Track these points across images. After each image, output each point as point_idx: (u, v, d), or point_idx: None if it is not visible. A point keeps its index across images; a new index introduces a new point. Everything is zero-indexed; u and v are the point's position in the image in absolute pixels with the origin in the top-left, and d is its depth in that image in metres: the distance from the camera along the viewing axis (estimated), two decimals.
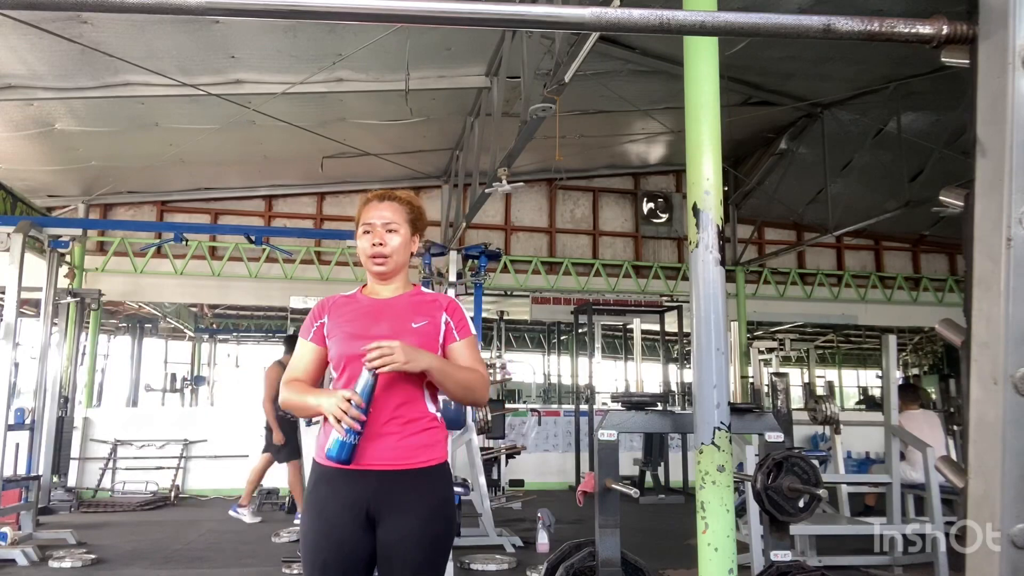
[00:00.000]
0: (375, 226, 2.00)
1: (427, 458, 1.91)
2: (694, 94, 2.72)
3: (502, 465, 7.44)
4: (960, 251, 1.37)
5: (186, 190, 9.41)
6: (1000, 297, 0.82)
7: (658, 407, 3.19)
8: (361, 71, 6.44)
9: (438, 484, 1.93)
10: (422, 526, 1.85)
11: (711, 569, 2.44)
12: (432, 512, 1.88)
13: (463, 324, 2.02)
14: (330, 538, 1.86)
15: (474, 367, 1.98)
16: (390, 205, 2.03)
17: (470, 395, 1.97)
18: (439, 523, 1.89)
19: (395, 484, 1.86)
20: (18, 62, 5.74)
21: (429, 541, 1.87)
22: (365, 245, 2.01)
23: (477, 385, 1.96)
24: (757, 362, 9.43)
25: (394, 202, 2.04)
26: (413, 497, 1.86)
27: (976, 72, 0.87)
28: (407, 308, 1.98)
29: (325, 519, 1.87)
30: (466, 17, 0.93)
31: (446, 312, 2.00)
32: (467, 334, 2.02)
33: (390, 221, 2.01)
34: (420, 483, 1.88)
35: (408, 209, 2.05)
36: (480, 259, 6.38)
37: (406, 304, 2.00)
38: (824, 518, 4.94)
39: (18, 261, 5.60)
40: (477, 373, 1.97)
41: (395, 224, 2.01)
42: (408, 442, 1.89)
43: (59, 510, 7.28)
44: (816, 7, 5.73)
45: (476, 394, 1.97)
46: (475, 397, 1.99)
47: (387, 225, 2.00)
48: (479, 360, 2.02)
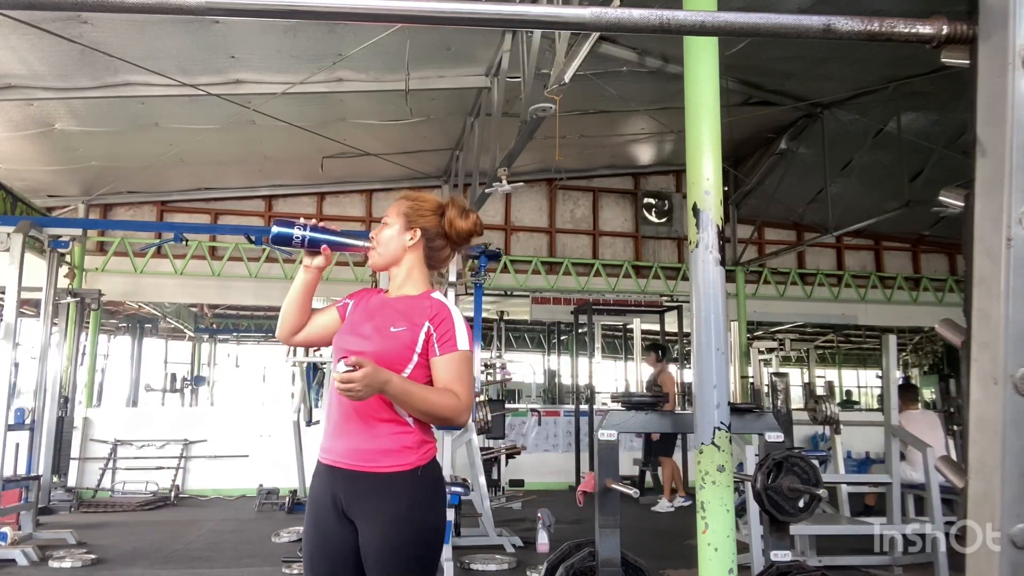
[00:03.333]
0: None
1: (392, 464, 1.83)
2: (694, 94, 2.72)
3: (502, 465, 7.44)
4: (960, 251, 1.37)
5: (186, 190, 9.41)
6: (1000, 297, 0.82)
7: (658, 407, 3.20)
8: (361, 71, 6.44)
9: (403, 492, 1.83)
10: (382, 536, 1.80)
11: (711, 569, 2.45)
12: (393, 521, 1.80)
13: (448, 337, 1.87)
14: (317, 530, 1.89)
15: (450, 387, 1.83)
16: (393, 204, 2.10)
17: (435, 420, 1.86)
18: (404, 532, 1.81)
19: (358, 487, 1.84)
20: (18, 62, 5.74)
21: (390, 551, 1.80)
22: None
23: (446, 411, 1.81)
24: (757, 362, 9.44)
25: (397, 200, 2.10)
26: (374, 505, 1.82)
27: (976, 72, 0.87)
28: (399, 312, 1.93)
29: (315, 512, 1.91)
30: (466, 17, 0.93)
31: (430, 321, 1.88)
32: (451, 349, 1.86)
33: (385, 216, 2.08)
34: (382, 490, 1.82)
35: (405, 204, 2.06)
36: (480, 259, 6.37)
37: (401, 307, 1.96)
38: (824, 518, 4.94)
39: (18, 261, 5.60)
40: (450, 396, 1.82)
41: (389, 218, 2.05)
42: (374, 445, 1.84)
43: (59, 510, 7.28)
44: (816, 7, 5.72)
45: (443, 420, 1.84)
46: (440, 422, 1.87)
47: (383, 219, 2.07)
48: (460, 380, 1.84)
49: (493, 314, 12.28)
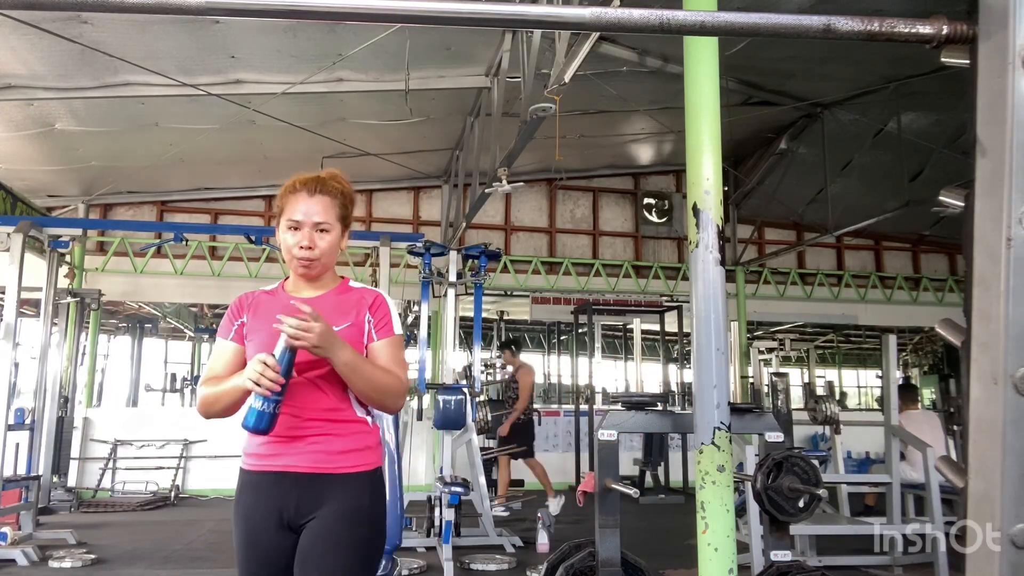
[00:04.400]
0: (303, 224, 1.81)
1: (356, 463, 1.79)
2: (694, 94, 2.72)
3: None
4: (960, 251, 1.37)
5: (186, 190, 9.41)
6: (1000, 297, 0.82)
7: (658, 407, 3.19)
8: (361, 71, 6.44)
9: (362, 491, 1.78)
10: (338, 530, 1.73)
11: (711, 569, 2.45)
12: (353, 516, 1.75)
13: (385, 322, 1.85)
14: (255, 547, 1.77)
15: (390, 369, 1.80)
16: (321, 200, 1.83)
17: (382, 398, 1.79)
18: (360, 527, 1.76)
19: (318, 490, 1.75)
20: (18, 62, 5.74)
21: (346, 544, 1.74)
22: (290, 242, 1.82)
23: (392, 389, 1.79)
24: (757, 362, 9.42)
25: (326, 196, 1.84)
26: (332, 503, 1.74)
27: (976, 72, 0.87)
28: (331, 309, 1.80)
29: (250, 527, 1.78)
30: (466, 17, 0.93)
31: (369, 311, 1.85)
32: (388, 333, 1.85)
33: (321, 221, 1.82)
34: (341, 489, 1.76)
35: (340, 204, 1.87)
36: (480, 259, 6.37)
37: (331, 304, 1.83)
38: (824, 518, 4.94)
39: (18, 261, 5.60)
40: (393, 376, 1.80)
41: (326, 224, 1.83)
42: (332, 445, 1.77)
43: (59, 510, 7.28)
44: (816, 7, 5.72)
45: (389, 399, 1.80)
46: (387, 402, 1.81)
47: (318, 225, 1.82)
48: (399, 363, 1.84)
49: (493, 314, 12.28)
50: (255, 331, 1.83)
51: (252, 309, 1.89)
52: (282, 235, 1.84)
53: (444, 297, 6.58)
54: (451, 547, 4.91)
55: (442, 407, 5.63)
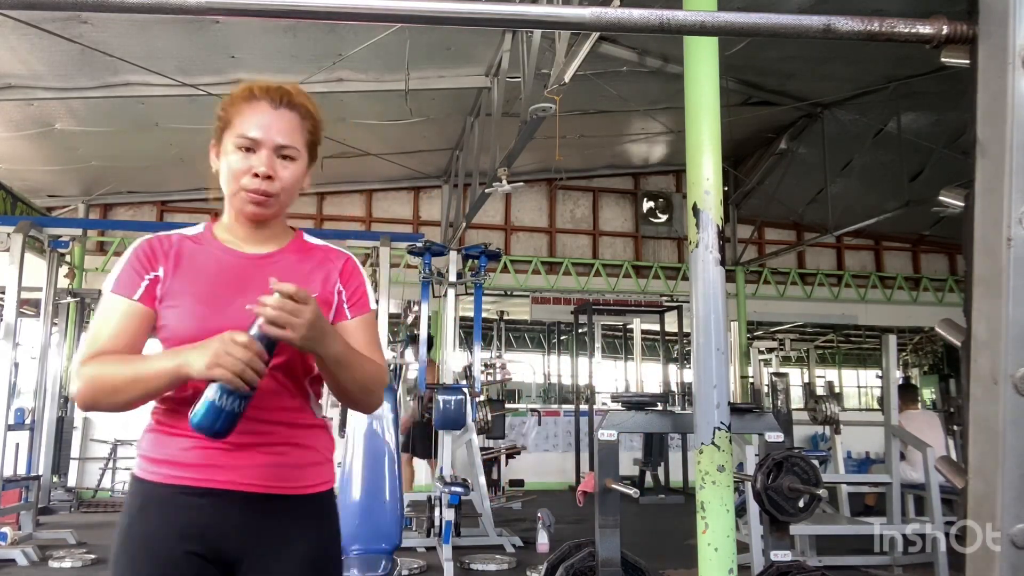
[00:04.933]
0: (262, 144, 1.32)
1: (316, 481, 1.38)
2: (694, 94, 2.72)
3: (502, 465, 7.44)
4: (960, 251, 1.37)
5: (186, 190, 9.41)
6: (1000, 297, 0.81)
7: (658, 407, 3.20)
8: (361, 71, 6.44)
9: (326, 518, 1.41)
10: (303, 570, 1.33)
11: (711, 569, 2.45)
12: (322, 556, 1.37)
13: (360, 295, 1.42)
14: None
15: (371, 358, 1.37)
16: (288, 116, 1.35)
17: (367, 396, 1.38)
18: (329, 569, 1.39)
19: (269, 514, 1.31)
20: (18, 62, 5.74)
21: None
22: (238, 167, 1.33)
23: (378, 382, 1.38)
24: (757, 362, 9.42)
25: (294, 113, 1.36)
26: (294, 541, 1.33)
27: (976, 72, 0.87)
28: (291, 273, 1.34)
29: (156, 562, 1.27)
30: (466, 17, 0.93)
31: (340, 279, 1.41)
32: (364, 309, 1.42)
33: (286, 144, 1.33)
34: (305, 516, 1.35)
35: (311, 126, 1.39)
36: (480, 259, 6.37)
37: (290, 266, 1.39)
38: (824, 518, 4.94)
39: (18, 261, 5.60)
40: (376, 366, 1.37)
41: (292, 148, 1.34)
42: (292, 457, 1.34)
43: (59, 510, 7.28)
44: (816, 7, 5.72)
45: (373, 396, 1.39)
46: (371, 400, 1.40)
47: (281, 149, 1.33)
48: (377, 346, 1.42)
49: (493, 314, 12.28)
50: (182, 293, 1.32)
51: (173, 260, 1.36)
52: (225, 158, 1.36)
53: (444, 297, 6.58)
54: (451, 547, 4.91)
55: (442, 407, 5.63)
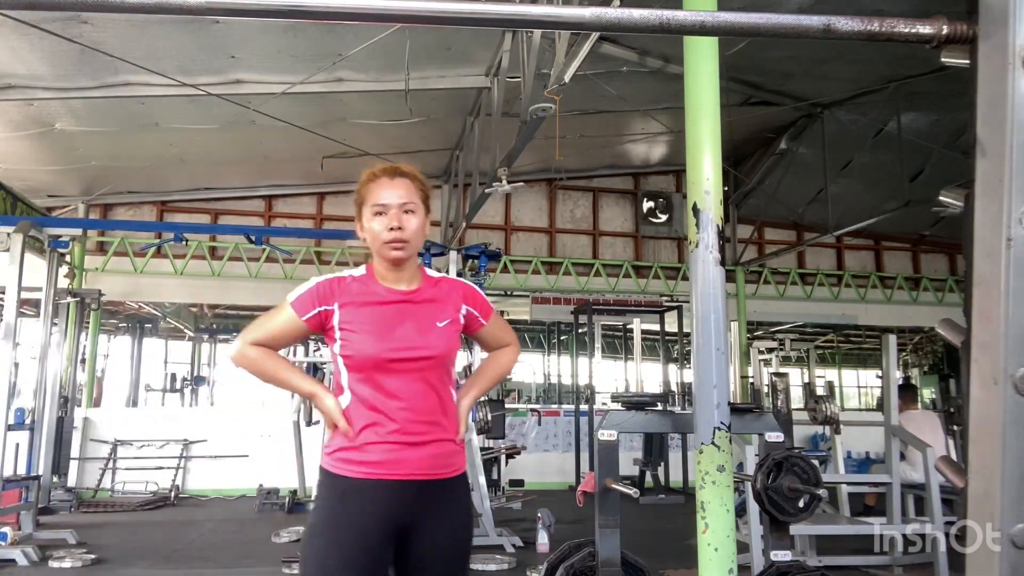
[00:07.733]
0: (390, 207, 1.76)
1: (460, 465, 1.83)
2: (694, 94, 2.72)
3: (502, 465, 7.44)
4: (960, 251, 1.37)
5: (186, 190, 9.41)
6: (1000, 297, 0.81)
7: (658, 407, 3.19)
8: (361, 71, 6.44)
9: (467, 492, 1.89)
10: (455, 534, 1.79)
11: (711, 569, 2.45)
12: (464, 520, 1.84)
13: (483, 307, 1.92)
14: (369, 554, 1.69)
15: (506, 341, 2.01)
16: (404, 183, 1.80)
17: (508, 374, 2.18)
18: (469, 530, 1.87)
19: (434, 494, 1.75)
20: (18, 62, 5.74)
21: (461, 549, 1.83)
22: (378, 228, 1.76)
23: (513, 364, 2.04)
24: (757, 362, 9.41)
25: (407, 179, 1.81)
26: (450, 507, 1.77)
27: (976, 72, 0.87)
28: (430, 304, 1.82)
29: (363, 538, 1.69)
30: (466, 17, 0.93)
31: (465, 303, 1.88)
32: (490, 312, 1.94)
33: (407, 201, 1.78)
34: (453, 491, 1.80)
35: (421, 186, 1.83)
36: (480, 259, 6.37)
37: (429, 298, 1.83)
38: (824, 518, 4.94)
39: (18, 261, 5.60)
40: (509, 350, 2.01)
41: (412, 204, 1.78)
42: (445, 448, 1.78)
43: (59, 510, 7.28)
44: (816, 7, 5.72)
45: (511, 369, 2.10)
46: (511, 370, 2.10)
47: (404, 206, 1.77)
48: (507, 329, 2.03)
49: None
50: (360, 322, 1.75)
51: (343, 298, 1.78)
52: (367, 225, 1.80)
53: None
54: None
55: None
